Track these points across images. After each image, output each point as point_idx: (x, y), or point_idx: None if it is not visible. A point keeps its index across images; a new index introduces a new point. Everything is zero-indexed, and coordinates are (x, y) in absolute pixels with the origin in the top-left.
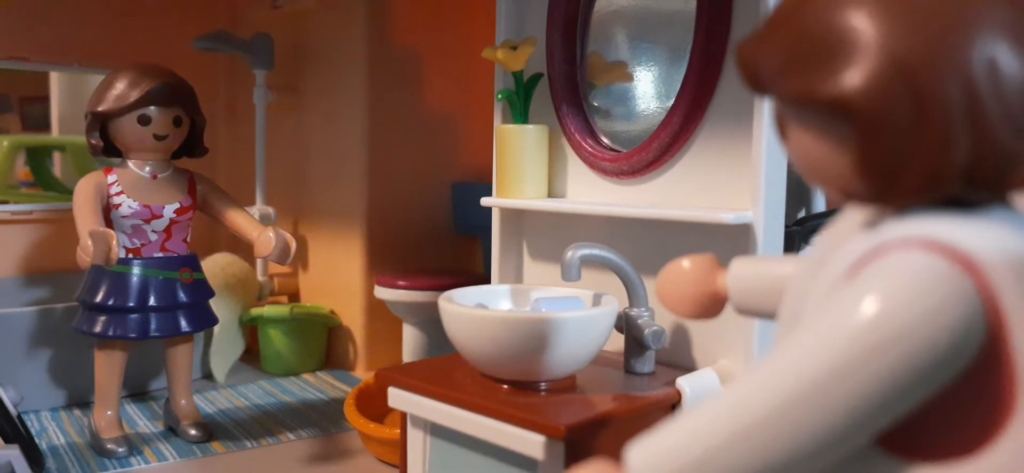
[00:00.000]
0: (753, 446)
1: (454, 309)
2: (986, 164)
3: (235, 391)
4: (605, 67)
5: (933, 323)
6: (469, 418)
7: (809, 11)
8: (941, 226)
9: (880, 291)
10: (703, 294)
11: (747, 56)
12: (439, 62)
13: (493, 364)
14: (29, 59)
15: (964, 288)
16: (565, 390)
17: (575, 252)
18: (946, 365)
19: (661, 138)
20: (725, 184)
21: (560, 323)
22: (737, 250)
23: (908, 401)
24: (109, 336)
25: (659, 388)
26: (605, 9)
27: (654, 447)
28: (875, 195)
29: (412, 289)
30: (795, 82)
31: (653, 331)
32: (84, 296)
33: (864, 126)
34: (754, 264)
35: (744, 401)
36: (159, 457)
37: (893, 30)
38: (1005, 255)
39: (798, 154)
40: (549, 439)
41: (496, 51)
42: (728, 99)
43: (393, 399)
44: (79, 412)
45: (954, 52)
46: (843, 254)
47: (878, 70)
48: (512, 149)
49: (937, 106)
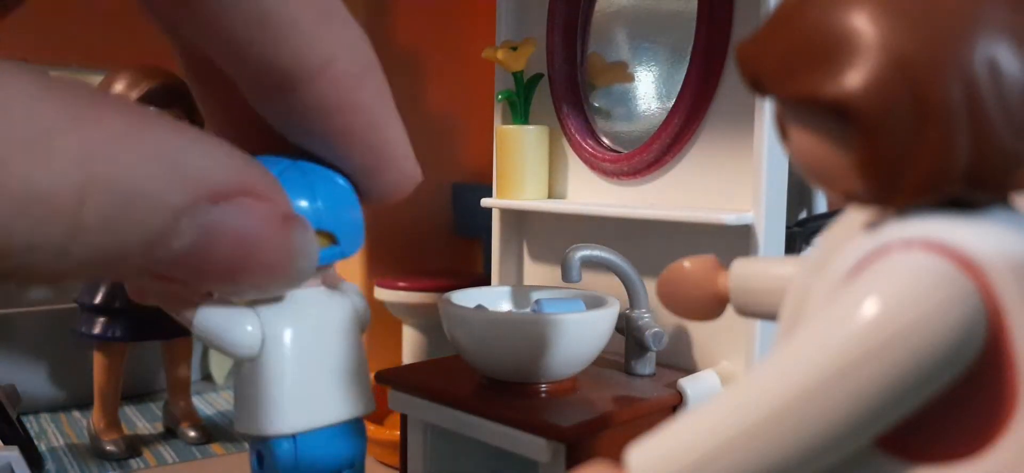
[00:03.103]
0: (754, 448)
1: (454, 310)
2: (987, 165)
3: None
4: (606, 67)
5: (934, 324)
6: (469, 420)
7: (810, 11)
8: (942, 227)
9: (881, 292)
10: (704, 295)
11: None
12: (439, 62)
13: (493, 365)
14: (28, 60)
15: (965, 289)
16: (566, 392)
17: (575, 253)
18: (947, 366)
19: (662, 139)
20: (726, 185)
21: (560, 324)
22: (738, 251)
23: (909, 402)
24: (108, 337)
25: (660, 390)
26: (606, 9)
27: (655, 449)
28: (876, 196)
29: (412, 290)
30: (795, 83)
31: (654, 332)
32: (83, 298)
33: (865, 127)
34: (755, 265)
35: (745, 403)
36: (158, 459)
37: (894, 31)
38: (1006, 256)
39: (799, 155)
40: (551, 441)
41: (496, 51)
42: (729, 100)
43: (393, 401)
44: (78, 413)
45: (955, 53)
46: (844, 255)
47: (879, 71)
48: (512, 150)
49: (938, 107)
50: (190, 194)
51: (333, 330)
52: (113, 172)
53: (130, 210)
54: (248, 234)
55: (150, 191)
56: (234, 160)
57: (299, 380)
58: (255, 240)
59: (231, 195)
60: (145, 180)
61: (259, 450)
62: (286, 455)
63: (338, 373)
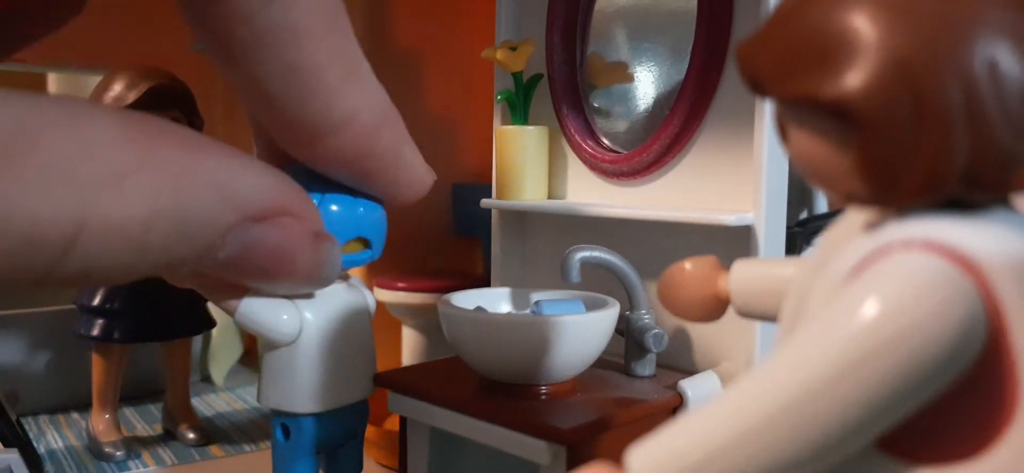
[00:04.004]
0: (754, 449)
1: (453, 312)
2: (987, 165)
3: (234, 394)
4: (605, 68)
5: (934, 324)
6: (469, 422)
7: (809, 12)
8: (942, 227)
9: (881, 293)
10: (705, 296)
11: (747, 57)
12: (438, 62)
13: (493, 367)
14: (26, 61)
15: (965, 289)
16: (566, 393)
17: (575, 254)
18: (947, 366)
19: (662, 139)
20: (726, 185)
21: (560, 326)
22: (738, 252)
23: (910, 403)
24: (107, 339)
25: (660, 391)
26: (606, 9)
27: (655, 450)
28: (876, 197)
29: (412, 291)
30: (795, 83)
31: (654, 334)
32: (81, 299)
33: (864, 127)
34: (756, 266)
35: (745, 404)
36: (157, 461)
37: (894, 31)
38: (1006, 256)
39: (799, 156)
40: (551, 443)
41: (496, 51)
42: (729, 100)
43: (393, 403)
44: (77, 415)
45: (955, 53)
46: (845, 256)
47: (878, 71)
48: (512, 150)
49: (938, 107)
50: (237, 216)
51: (351, 321)
52: (174, 203)
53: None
54: (283, 247)
55: (203, 215)
56: (277, 184)
57: (326, 365)
58: (289, 252)
59: (271, 215)
60: (199, 208)
61: (285, 423)
62: (310, 430)
63: (353, 358)
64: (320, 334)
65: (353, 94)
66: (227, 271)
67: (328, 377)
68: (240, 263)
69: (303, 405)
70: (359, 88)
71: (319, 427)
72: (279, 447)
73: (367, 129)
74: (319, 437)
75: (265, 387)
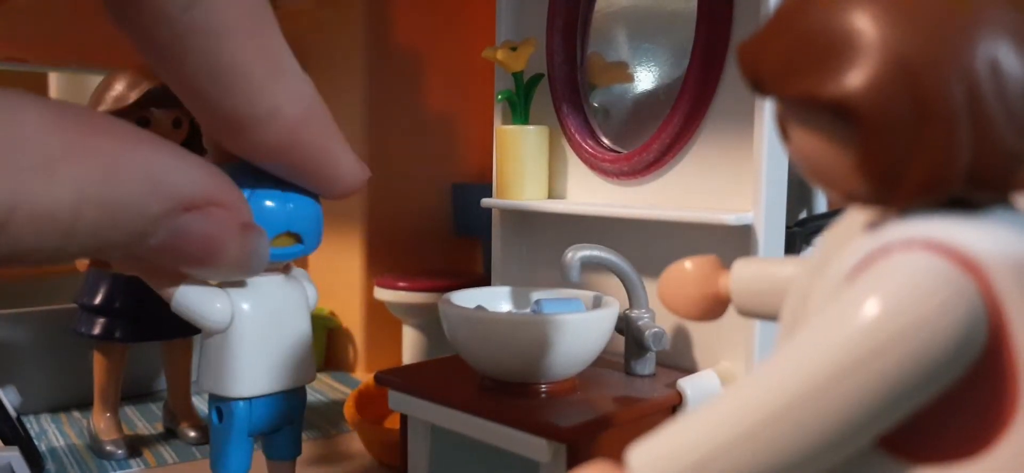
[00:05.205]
0: (755, 448)
1: (454, 311)
2: (989, 165)
3: None
4: (606, 67)
5: (935, 324)
6: (470, 421)
7: (810, 11)
8: (944, 227)
9: (882, 292)
10: (705, 295)
11: (748, 56)
12: (439, 62)
13: (493, 366)
14: (27, 60)
15: (966, 289)
16: (566, 392)
17: (575, 253)
18: (948, 366)
19: (662, 139)
20: (726, 185)
21: (560, 325)
22: (738, 251)
23: (911, 402)
24: (108, 338)
25: (660, 390)
26: (606, 9)
27: (655, 449)
28: (877, 196)
29: (412, 290)
30: (796, 83)
31: (654, 333)
32: (82, 298)
33: (866, 127)
34: (756, 265)
35: (746, 403)
36: (158, 459)
37: (895, 30)
38: (1007, 256)
39: (800, 155)
40: (551, 442)
41: (496, 51)
42: (729, 99)
43: (393, 401)
44: (78, 413)
45: (957, 52)
46: (845, 255)
47: (880, 70)
48: (512, 150)
49: (939, 107)
50: (166, 204)
51: (287, 311)
52: (103, 190)
53: (115, 219)
54: (212, 236)
55: (132, 203)
56: (207, 176)
57: (258, 352)
58: (217, 241)
59: (201, 205)
60: (128, 195)
61: (219, 407)
62: (242, 414)
63: (289, 348)
64: (254, 323)
65: (276, 90)
66: (159, 257)
67: (260, 364)
68: (171, 249)
69: (235, 390)
70: (283, 84)
71: (251, 411)
72: (214, 429)
73: (290, 123)
74: (252, 421)
75: (202, 371)
